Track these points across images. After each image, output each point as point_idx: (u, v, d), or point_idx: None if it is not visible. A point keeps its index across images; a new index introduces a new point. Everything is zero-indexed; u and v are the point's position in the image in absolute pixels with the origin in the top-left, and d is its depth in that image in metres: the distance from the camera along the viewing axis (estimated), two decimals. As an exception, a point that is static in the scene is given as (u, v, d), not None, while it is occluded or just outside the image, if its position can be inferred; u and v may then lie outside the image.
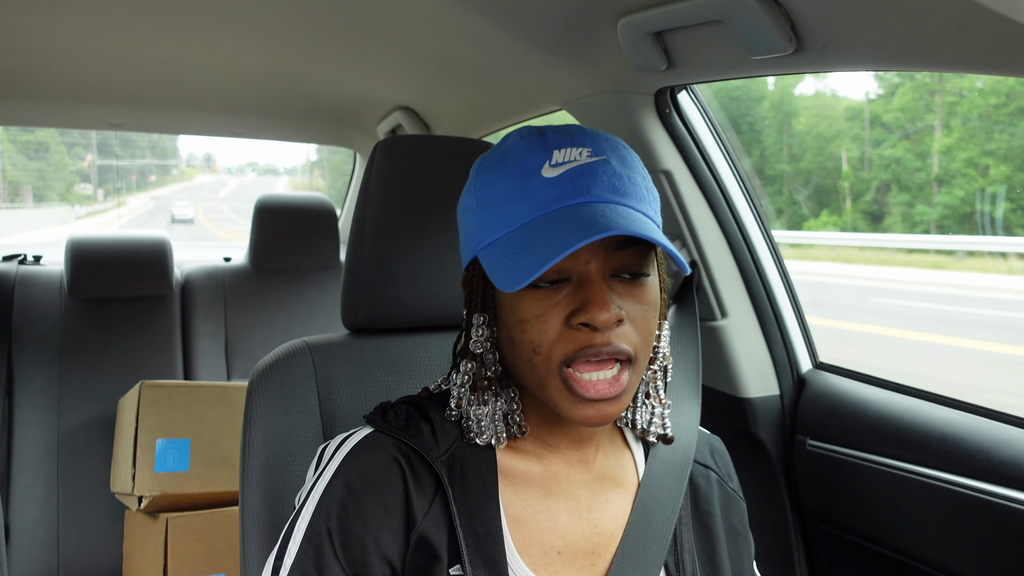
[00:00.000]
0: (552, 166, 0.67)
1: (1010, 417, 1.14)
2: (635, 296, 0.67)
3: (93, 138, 8.84)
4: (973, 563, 1.11)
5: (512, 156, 0.69)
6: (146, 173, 10.74)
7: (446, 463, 0.71)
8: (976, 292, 6.63)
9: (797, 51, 0.99)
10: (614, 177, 0.67)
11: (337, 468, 0.70)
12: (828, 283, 7.51)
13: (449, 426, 0.74)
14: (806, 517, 1.43)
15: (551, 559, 0.72)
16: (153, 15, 1.44)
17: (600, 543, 0.74)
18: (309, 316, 2.49)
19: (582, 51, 1.34)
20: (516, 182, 0.67)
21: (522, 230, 0.66)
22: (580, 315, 0.64)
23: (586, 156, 0.67)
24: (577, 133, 0.70)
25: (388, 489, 0.69)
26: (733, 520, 0.83)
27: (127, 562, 2.13)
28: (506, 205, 0.68)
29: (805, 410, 1.43)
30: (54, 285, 2.28)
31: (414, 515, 0.68)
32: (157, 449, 1.91)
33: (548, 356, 0.66)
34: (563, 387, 0.66)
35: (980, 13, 0.76)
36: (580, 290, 0.66)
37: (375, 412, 0.75)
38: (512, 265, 0.64)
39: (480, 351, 0.72)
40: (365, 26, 1.48)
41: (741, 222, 1.47)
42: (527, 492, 0.73)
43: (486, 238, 0.69)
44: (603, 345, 0.64)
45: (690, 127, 1.43)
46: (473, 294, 0.73)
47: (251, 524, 0.92)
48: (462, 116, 2.04)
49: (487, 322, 0.72)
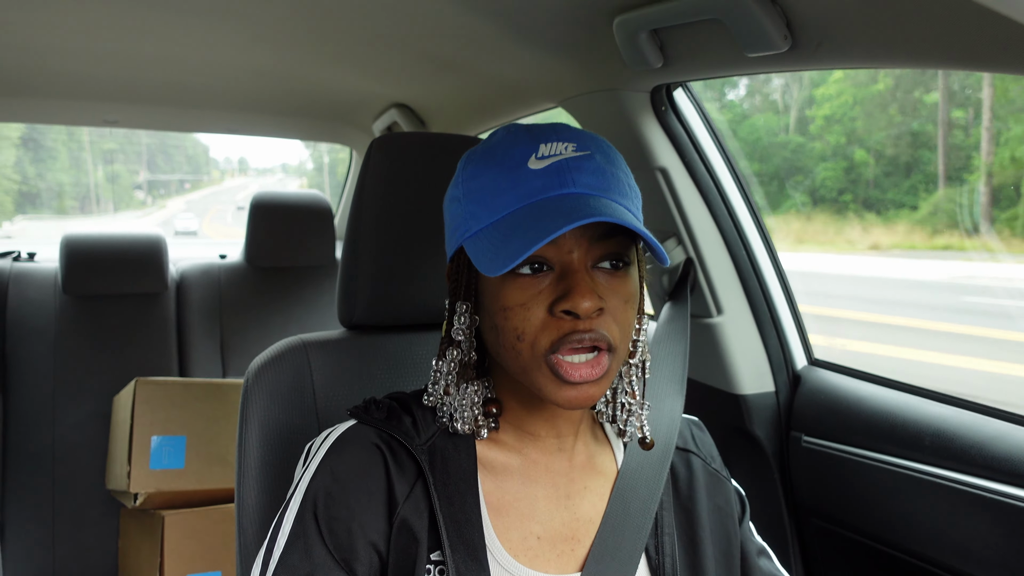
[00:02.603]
0: (538, 159, 0.69)
1: (1004, 413, 1.14)
2: (615, 288, 0.69)
3: (144, 156, 10.80)
4: (968, 558, 1.12)
5: (499, 149, 0.71)
6: (183, 181, 12.46)
7: (427, 451, 0.73)
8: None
9: (792, 49, 0.99)
10: (598, 171, 0.69)
11: (322, 459, 0.73)
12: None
13: (430, 418, 0.76)
14: (801, 513, 1.43)
15: (531, 544, 0.74)
16: (149, 12, 1.43)
17: (579, 528, 0.76)
18: (305, 313, 2.49)
19: (578, 48, 1.34)
20: (503, 173, 0.69)
21: (508, 219, 0.68)
22: (563, 303, 0.66)
23: (571, 150, 0.69)
24: (563, 130, 0.72)
25: (370, 474, 0.71)
26: (718, 499, 0.85)
27: (123, 559, 2.13)
28: (493, 195, 0.69)
29: (800, 406, 1.44)
30: (48, 282, 2.28)
31: (395, 499, 0.71)
32: (152, 446, 1.91)
33: (532, 343, 0.67)
34: (548, 372, 0.67)
35: (975, 10, 0.76)
36: (563, 279, 0.67)
37: (359, 406, 0.78)
38: (498, 251, 0.66)
39: (460, 338, 0.74)
40: (361, 23, 1.48)
41: (737, 219, 1.47)
42: (506, 481, 0.75)
43: (472, 227, 0.70)
44: (586, 332, 0.66)
45: (686, 124, 1.43)
46: (457, 283, 0.75)
47: (247, 521, 0.92)
48: (458, 113, 2.04)
49: (469, 310, 0.74)
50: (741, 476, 1.51)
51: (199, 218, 11.47)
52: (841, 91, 7.30)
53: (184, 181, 11.85)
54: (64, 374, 2.19)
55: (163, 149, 11.19)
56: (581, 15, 1.22)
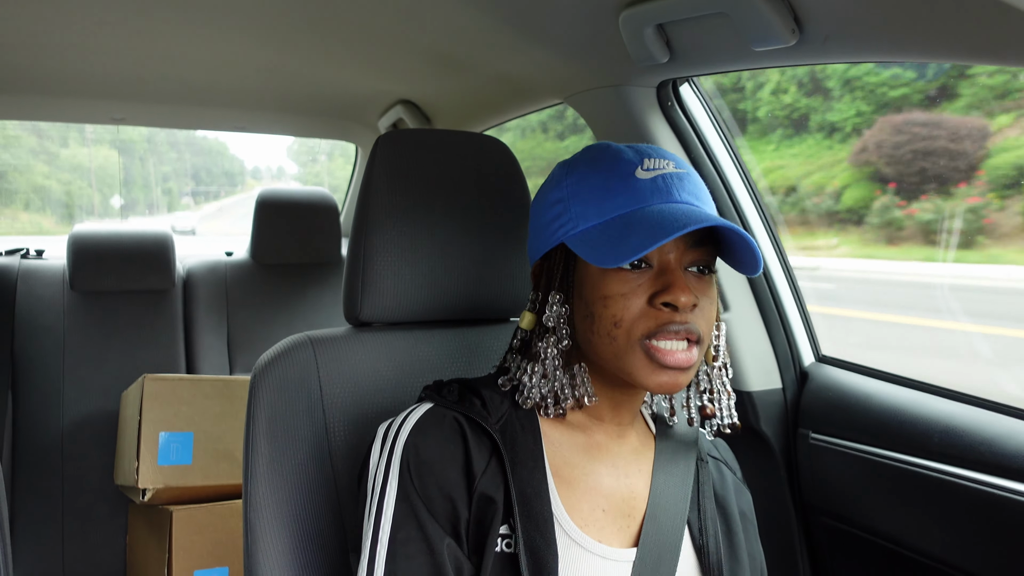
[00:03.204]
0: (644, 170, 0.77)
1: (1013, 409, 1.14)
2: (702, 289, 0.77)
3: (190, 172, 14.06)
4: (975, 556, 1.11)
5: (605, 158, 0.79)
6: (219, 190, 15.58)
7: (499, 430, 0.78)
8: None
9: (800, 43, 0.99)
10: (697, 187, 0.79)
11: (407, 440, 0.76)
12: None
13: (498, 399, 0.81)
14: (808, 510, 1.43)
15: (597, 516, 0.79)
16: (155, 9, 1.44)
17: (635, 507, 0.82)
18: (311, 310, 2.49)
19: (584, 44, 1.33)
20: (614, 178, 0.77)
21: (620, 219, 0.75)
22: (664, 295, 0.73)
23: (672, 167, 0.78)
24: (659, 149, 0.80)
25: (452, 450, 0.76)
26: (743, 506, 0.93)
27: (131, 555, 2.14)
28: (604, 197, 0.77)
29: (807, 403, 1.43)
30: (56, 279, 2.29)
31: (474, 472, 0.75)
32: (160, 442, 1.91)
33: (629, 330, 0.74)
34: (644, 356, 0.74)
35: (983, 3, 0.76)
36: (661, 276, 0.75)
37: (431, 388, 0.83)
38: (615, 246, 0.72)
39: (553, 324, 0.79)
40: (367, 21, 1.48)
41: (744, 215, 1.46)
42: (574, 457, 0.81)
43: (579, 225, 0.77)
44: (681, 324, 0.73)
45: (692, 120, 1.43)
46: (552, 275, 0.81)
47: (254, 517, 0.92)
48: (463, 110, 2.04)
49: (562, 300, 0.79)
50: (748, 473, 1.50)
51: (227, 216, 13.93)
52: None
53: (220, 190, 14.86)
54: (72, 371, 2.21)
55: (206, 167, 14.93)
56: (587, 10, 1.21)
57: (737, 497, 0.92)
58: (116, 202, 10.56)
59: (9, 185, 9.79)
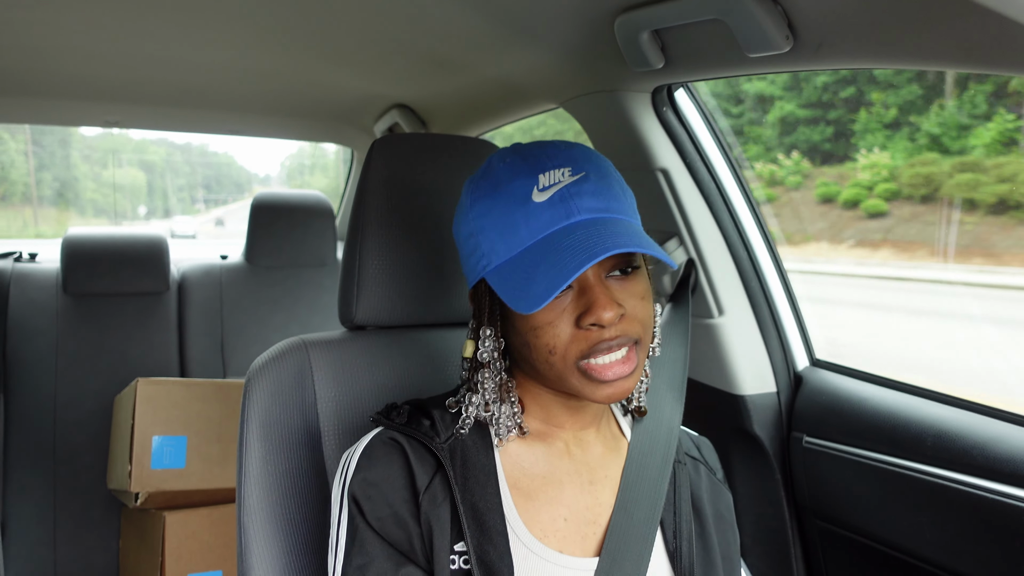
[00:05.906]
0: (540, 190, 0.74)
1: (1005, 413, 1.14)
2: (629, 290, 0.75)
3: (200, 182, 16.66)
4: (968, 559, 1.12)
5: (502, 183, 0.75)
6: (226, 197, 17.17)
7: (447, 448, 0.78)
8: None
9: (794, 49, 0.99)
10: (596, 193, 0.74)
11: (355, 468, 0.78)
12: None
13: (448, 419, 0.81)
14: (802, 514, 1.43)
15: (559, 526, 0.79)
16: (151, 12, 1.43)
17: (601, 513, 0.81)
18: (306, 314, 2.49)
19: (579, 49, 1.34)
20: (511, 208, 0.74)
21: (525, 254, 0.73)
22: (588, 316, 0.72)
23: (568, 176, 0.74)
24: (555, 153, 0.76)
25: (397, 470, 0.77)
26: (720, 506, 0.91)
27: (124, 559, 2.13)
28: (506, 232, 0.74)
29: (801, 407, 1.43)
30: (50, 282, 2.28)
31: (417, 488, 0.76)
32: (154, 446, 1.91)
33: (564, 355, 0.73)
34: (583, 377, 0.74)
35: (976, 10, 0.76)
36: (583, 295, 0.73)
37: (381, 412, 0.83)
38: (525, 290, 0.71)
39: (487, 359, 0.79)
40: (362, 24, 1.48)
41: (738, 220, 1.47)
42: (533, 468, 0.81)
43: (492, 261, 0.75)
44: (612, 339, 0.72)
45: (687, 125, 1.43)
46: (481, 309, 0.80)
47: (248, 521, 0.92)
48: (459, 114, 2.04)
49: (494, 334, 0.79)
50: (742, 477, 1.51)
51: (232, 220, 16.44)
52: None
53: (228, 197, 17.23)
54: (65, 374, 2.20)
55: (216, 177, 17.07)
56: (582, 16, 1.22)
57: (715, 498, 0.91)
58: (142, 210, 13.89)
59: (74, 195, 14.54)
